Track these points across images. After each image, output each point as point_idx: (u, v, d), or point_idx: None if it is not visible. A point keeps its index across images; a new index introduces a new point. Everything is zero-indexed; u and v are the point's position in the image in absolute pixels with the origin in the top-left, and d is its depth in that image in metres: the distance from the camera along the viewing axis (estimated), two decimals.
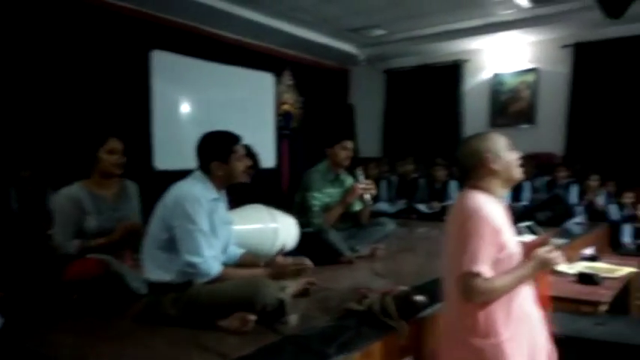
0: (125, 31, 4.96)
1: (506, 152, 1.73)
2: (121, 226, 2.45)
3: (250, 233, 2.85)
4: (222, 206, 2.21)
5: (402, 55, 7.19)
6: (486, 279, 1.55)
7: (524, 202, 5.22)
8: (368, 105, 7.70)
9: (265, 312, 1.92)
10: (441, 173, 5.73)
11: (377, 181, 5.13)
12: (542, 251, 1.69)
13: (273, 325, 1.92)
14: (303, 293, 2.33)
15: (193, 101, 5.66)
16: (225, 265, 2.13)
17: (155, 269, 2.03)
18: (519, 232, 1.81)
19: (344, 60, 7.47)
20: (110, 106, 4.74)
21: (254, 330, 1.87)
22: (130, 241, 2.43)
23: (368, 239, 3.46)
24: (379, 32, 6.42)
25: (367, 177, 3.65)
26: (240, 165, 2.16)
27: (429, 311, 2.07)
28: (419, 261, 3.27)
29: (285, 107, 6.90)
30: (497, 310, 1.60)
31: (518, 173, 1.76)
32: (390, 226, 3.62)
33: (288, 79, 6.90)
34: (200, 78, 5.69)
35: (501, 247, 1.60)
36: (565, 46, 6.03)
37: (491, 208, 1.63)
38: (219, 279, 2.01)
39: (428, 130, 7.06)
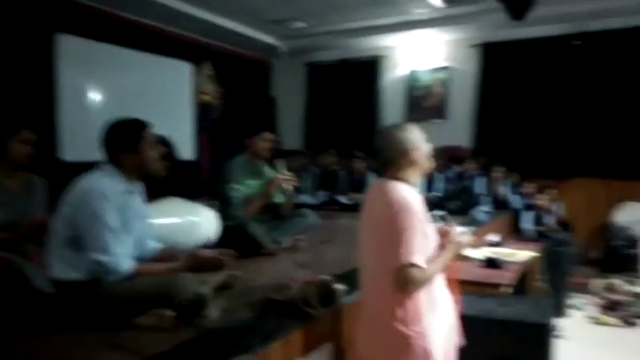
0: (26, 13, 4.56)
1: (422, 143, 1.81)
2: (30, 221, 2.30)
3: (170, 227, 2.75)
4: (137, 199, 2.10)
5: (322, 48, 7.25)
6: (421, 269, 1.62)
7: (437, 193, 5.49)
8: (290, 98, 7.69)
9: (184, 307, 1.86)
10: (359, 165, 5.87)
11: (299, 174, 5.16)
12: (457, 236, 1.81)
13: (192, 321, 1.87)
14: (224, 286, 2.29)
15: (104, 89, 5.33)
16: (142, 260, 2.04)
17: (62, 267, 1.90)
18: (433, 220, 1.91)
19: (266, 52, 7.39)
20: (8, 93, 4.34)
21: (172, 326, 1.81)
22: (37, 238, 2.25)
23: (290, 231, 3.47)
24: (300, 25, 6.41)
25: (289, 169, 3.66)
26: (152, 152, 2.05)
27: (348, 298, 2.13)
28: (340, 251, 3.33)
29: (205, 98, 6.70)
30: (423, 297, 1.68)
31: (431, 163, 1.86)
32: (312, 217, 3.66)
33: (208, 69, 6.70)
34: (111, 65, 5.35)
35: (425, 237, 1.69)
36: (474, 46, 6.37)
37: (415, 199, 1.70)
38: (132, 276, 1.92)
39: (348, 123, 7.19)
